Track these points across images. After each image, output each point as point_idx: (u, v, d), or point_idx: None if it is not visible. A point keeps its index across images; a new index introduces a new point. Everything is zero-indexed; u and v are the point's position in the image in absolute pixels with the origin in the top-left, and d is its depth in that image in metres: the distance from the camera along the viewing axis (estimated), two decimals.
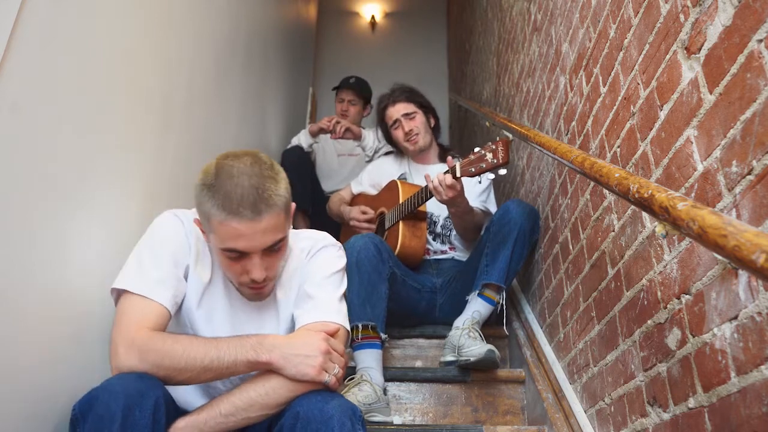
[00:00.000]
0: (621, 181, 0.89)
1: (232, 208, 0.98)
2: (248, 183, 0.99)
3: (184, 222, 1.14)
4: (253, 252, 1.02)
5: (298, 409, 0.97)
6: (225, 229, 0.99)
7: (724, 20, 0.85)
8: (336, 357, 1.04)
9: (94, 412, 0.87)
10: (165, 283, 1.06)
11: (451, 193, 1.76)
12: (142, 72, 1.31)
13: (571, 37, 1.61)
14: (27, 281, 0.93)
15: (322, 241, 1.23)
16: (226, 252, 1.02)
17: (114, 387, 0.90)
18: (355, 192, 2.45)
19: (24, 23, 0.86)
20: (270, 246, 1.03)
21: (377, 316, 1.71)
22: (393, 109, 2.23)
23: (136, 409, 0.88)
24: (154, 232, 1.12)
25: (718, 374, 0.84)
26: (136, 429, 0.88)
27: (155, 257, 1.08)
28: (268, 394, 0.99)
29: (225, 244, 1.01)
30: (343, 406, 0.97)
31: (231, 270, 1.06)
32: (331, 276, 1.19)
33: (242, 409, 0.99)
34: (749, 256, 0.56)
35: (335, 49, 5.44)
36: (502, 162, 1.63)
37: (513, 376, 1.81)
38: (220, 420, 0.98)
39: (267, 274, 1.05)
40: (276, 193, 1.02)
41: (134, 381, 0.91)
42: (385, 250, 1.80)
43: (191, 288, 1.13)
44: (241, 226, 0.99)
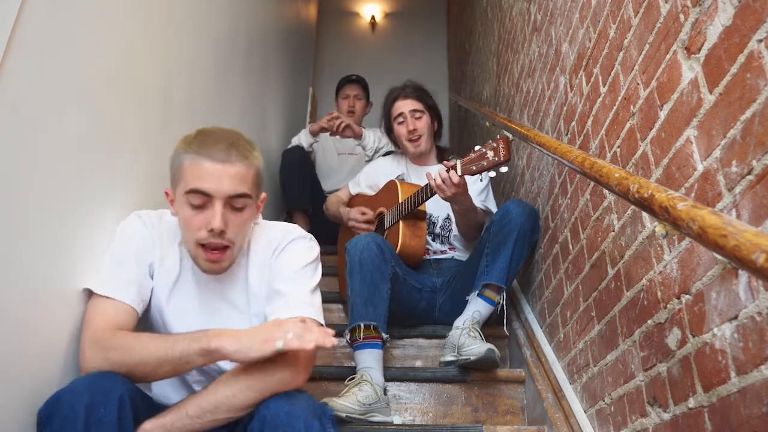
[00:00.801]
0: (621, 181, 0.89)
1: (204, 150, 1.05)
2: (225, 135, 1.09)
3: (146, 222, 1.17)
4: (216, 196, 1.04)
5: (264, 411, 0.96)
6: (194, 168, 1.04)
7: (724, 20, 0.85)
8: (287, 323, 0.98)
9: (58, 413, 0.87)
10: (128, 282, 1.08)
11: (454, 190, 1.76)
12: (142, 72, 1.31)
13: (571, 37, 1.61)
14: (27, 281, 0.93)
15: (291, 233, 1.21)
16: (191, 196, 1.04)
17: (77, 387, 0.90)
18: (352, 193, 2.44)
19: (24, 23, 0.86)
20: (234, 195, 1.05)
21: (379, 315, 1.71)
22: (402, 102, 2.22)
23: (101, 407, 0.88)
24: (117, 234, 1.15)
25: (718, 374, 0.84)
26: (102, 426, 0.88)
27: (117, 258, 1.10)
28: (235, 395, 0.99)
29: (191, 185, 1.04)
30: (310, 406, 0.96)
31: (191, 224, 1.06)
32: (302, 269, 1.17)
33: (208, 411, 0.98)
34: (749, 256, 0.56)
35: (335, 49, 5.44)
36: (504, 159, 1.63)
37: (513, 376, 1.81)
38: (187, 422, 0.98)
39: (226, 230, 1.05)
40: (249, 152, 1.08)
41: (97, 379, 0.92)
42: (387, 250, 1.80)
43: (160, 285, 1.14)
44: (211, 165, 1.04)
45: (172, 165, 1.10)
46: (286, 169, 2.83)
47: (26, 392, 0.93)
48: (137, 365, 0.97)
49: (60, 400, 0.89)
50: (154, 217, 1.18)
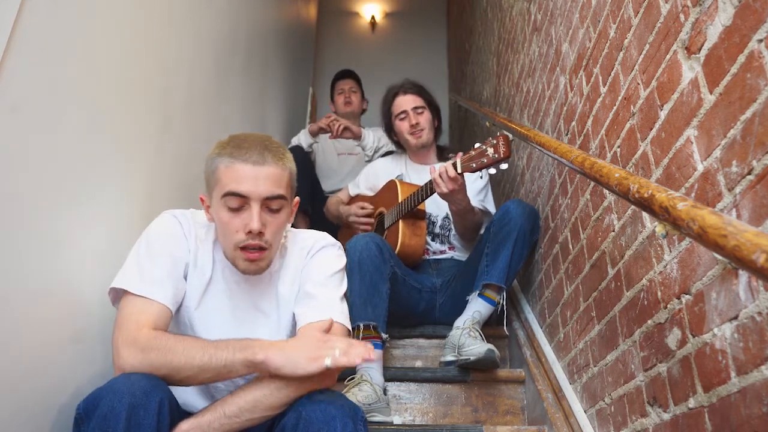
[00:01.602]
0: (621, 181, 0.89)
1: (239, 153, 1.06)
2: (259, 138, 1.10)
3: (182, 222, 1.15)
4: (253, 198, 1.05)
5: (300, 409, 0.97)
6: (230, 172, 1.05)
7: (725, 20, 0.85)
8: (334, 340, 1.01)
9: (98, 411, 0.87)
10: (164, 282, 1.06)
11: (451, 186, 1.76)
12: (142, 72, 1.31)
13: (571, 37, 1.61)
14: (27, 281, 0.93)
15: (322, 240, 1.23)
16: (228, 199, 1.05)
17: (118, 387, 0.90)
18: (352, 194, 2.44)
19: (24, 23, 0.86)
20: (270, 197, 1.06)
21: (378, 316, 1.71)
22: (403, 99, 2.22)
23: (141, 409, 0.88)
24: (152, 233, 1.13)
25: (718, 374, 0.84)
26: (141, 429, 0.88)
27: (154, 257, 1.08)
28: (273, 394, 0.99)
29: (227, 187, 1.05)
30: (345, 407, 0.97)
31: (229, 227, 1.06)
32: (332, 276, 1.19)
33: (246, 410, 0.99)
34: (749, 256, 0.56)
35: (335, 49, 5.44)
36: (504, 156, 1.63)
37: (513, 376, 1.80)
38: (225, 421, 0.98)
39: (264, 231, 1.06)
40: (283, 153, 1.10)
41: (139, 381, 0.91)
42: (386, 250, 1.80)
43: (191, 287, 1.13)
44: (246, 167, 1.05)
45: (206, 170, 1.10)
46: None
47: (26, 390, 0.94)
48: (179, 369, 0.96)
49: (100, 398, 0.88)
50: (188, 216, 1.17)
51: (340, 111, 3.12)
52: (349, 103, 3.11)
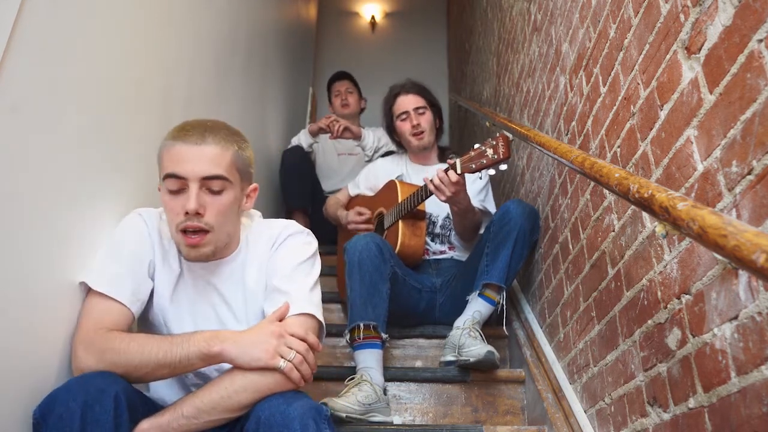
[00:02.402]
0: (621, 181, 0.89)
1: (180, 135, 1.05)
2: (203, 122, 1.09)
3: (146, 220, 1.16)
4: (190, 178, 1.04)
5: (260, 413, 0.96)
6: (170, 154, 1.05)
7: (725, 20, 0.85)
8: (293, 342, 1.02)
9: (54, 413, 0.87)
10: (124, 279, 1.07)
11: (454, 189, 1.76)
12: (142, 72, 1.31)
13: (571, 37, 1.61)
14: (27, 281, 0.93)
15: (288, 229, 1.20)
16: (168, 181, 1.05)
17: (72, 386, 0.90)
18: (351, 194, 2.44)
19: (24, 23, 0.86)
20: (208, 177, 1.04)
21: (378, 315, 1.71)
22: (405, 99, 2.21)
23: (96, 405, 0.88)
24: (117, 231, 1.14)
25: (718, 374, 0.84)
26: (98, 425, 0.87)
27: (115, 255, 1.10)
28: (231, 396, 0.98)
29: (167, 169, 1.05)
30: (305, 407, 0.95)
31: (171, 210, 1.06)
32: (300, 265, 1.16)
33: (204, 412, 0.98)
34: (749, 256, 0.56)
35: (335, 49, 5.44)
36: (503, 157, 1.63)
37: (513, 376, 1.80)
38: (183, 422, 0.98)
39: (204, 215, 1.05)
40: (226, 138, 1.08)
41: (92, 378, 0.92)
42: (386, 250, 1.80)
43: (161, 284, 1.13)
44: (184, 147, 1.04)
45: (157, 158, 1.10)
46: (286, 168, 2.84)
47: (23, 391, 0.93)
48: (135, 367, 0.97)
49: (55, 399, 0.88)
50: (154, 215, 1.17)
51: (338, 113, 3.12)
52: (347, 105, 3.11)
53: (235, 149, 1.09)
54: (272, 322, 1.06)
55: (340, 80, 3.20)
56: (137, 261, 1.11)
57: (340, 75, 3.24)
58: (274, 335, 1.01)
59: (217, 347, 0.98)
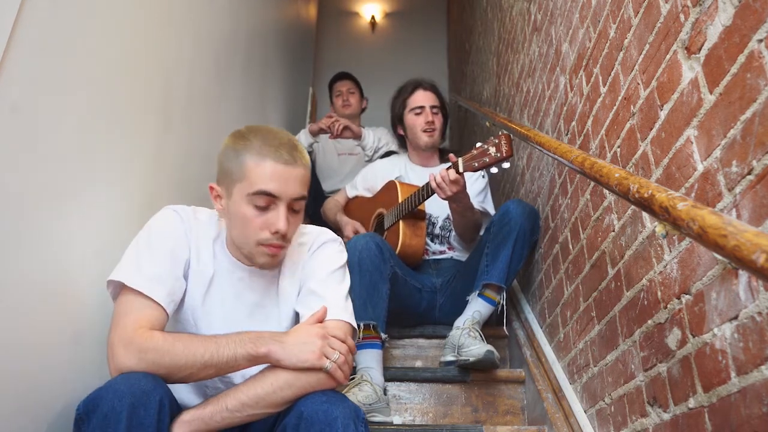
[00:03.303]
0: (621, 181, 0.89)
1: (270, 151, 1.03)
2: (285, 136, 1.08)
3: (183, 218, 1.13)
4: (282, 198, 1.04)
5: (302, 409, 0.97)
6: (260, 170, 1.03)
7: (725, 20, 0.85)
8: (335, 343, 1.03)
9: (99, 411, 0.87)
10: (162, 280, 1.05)
11: (454, 188, 1.76)
12: (142, 72, 1.31)
13: (571, 37, 1.61)
14: (26, 281, 0.93)
15: (323, 236, 1.22)
16: (255, 197, 1.04)
17: (118, 386, 0.90)
18: (350, 195, 2.43)
19: (24, 23, 0.86)
20: (297, 198, 1.06)
21: (378, 315, 1.71)
22: (424, 94, 2.22)
23: (141, 409, 0.88)
24: (153, 228, 1.11)
25: (718, 374, 0.84)
26: (142, 428, 0.88)
27: (152, 253, 1.07)
28: (275, 392, 0.99)
29: (256, 186, 1.03)
30: (347, 408, 0.97)
31: (252, 225, 1.05)
32: (335, 272, 1.18)
33: (248, 406, 0.99)
34: (749, 256, 0.56)
35: (335, 49, 5.44)
36: (506, 155, 1.63)
37: (513, 376, 1.80)
38: (226, 415, 0.98)
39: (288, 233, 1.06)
40: (305, 152, 1.10)
41: (138, 380, 0.91)
42: (386, 250, 1.80)
43: (194, 285, 1.12)
44: (278, 166, 1.03)
45: (227, 162, 1.07)
46: None
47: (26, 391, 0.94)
48: (180, 368, 0.96)
49: (101, 398, 0.88)
50: (189, 213, 1.15)
51: (339, 113, 3.12)
52: (348, 105, 3.11)
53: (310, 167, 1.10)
54: (313, 324, 1.06)
55: (342, 80, 3.20)
56: (175, 260, 1.09)
57: (342, 75, 3.24)
58: (318, 336, 1.02)
59: (263, 348, 0.99)
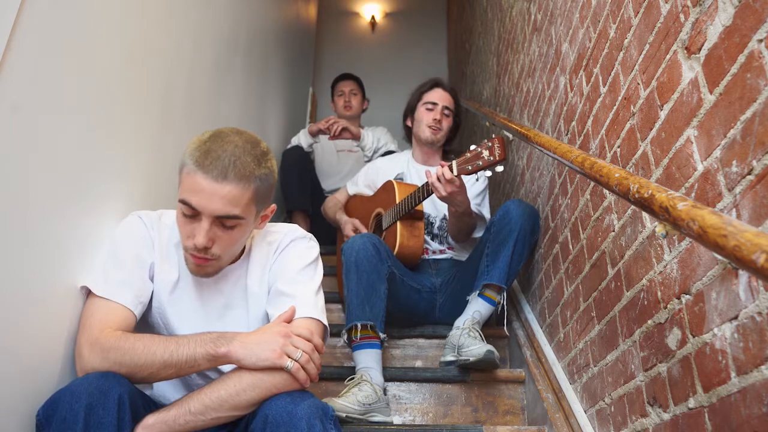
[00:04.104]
0: (621, 181, 0.89)
1: (204, 163, 1.00)
2: (231, 150, 1.02)
3: (146, 222, 1.16)
4: (203, 213, 1.02)
5: (266, 412, 0.96)
6: (189, 179, 1.02)
7: (725, 20, 0.85)
8: (298, 342, 1.02)
9: (57, 415, 0.87)
10: (127, 284, 1.07)
11: (449, 188, 1.76)
12: (142, 72, 1.31)
13: (571, 37, 1.61)
14: (26, 281, 0.93)
15: (291, 234, 1.21)
16: (182, 205, 1.03)
17: (76, 388, 0.90)
18: (351, 193, 2.44)
19: (24, 23, 0.86)
20: (221, 216, 1.02)
21: (376, 315, 1.71)
22: (441, 93, 2.23)
23: (99, 408, 0.88)
24: (118, 234, 1.14)
25: (718, 374, 0.84)
26: (101, 428, 0.87)
27: (117, 258, 1.09)
28: (239, 394, 0.98)
29: (183, 195, 1.02)
30: (312, 407, 0.96)
31: (182, 229, 1.06)
32: (303, 269, 1.17)
33: (212, 409, 0.98)
34: (749, 256, 0.56)
35: (335, 49, 5.44)
36: (499, 159, 1.63)
37: (513, 376, 1.80)
38: (189, 418, 0.97)
39: (211, 247, 1.04)
40: (251, 171, 1.03)
41: (96, 380, 0.92)
42: (383, 250, 1.80)
43: (160, 287, 1.13)
44: (204, 182, 1.00)
45: (180, 161, 1.07)
46: (286, 169, 2.84)
47: (25, 392, 0.94)
48: (140, 367, 0.97)
49: (59, 401, 0.88)
50: (153, 218, 1.17)
51: (340, 113, 3.12)
52: (349, 107, 3.11)
53: (257, 184, 1.04)
54: (277, 322, 1.06)
55: (346, 81, 3.18)
56: (139, 264, 1.11)
57: (346, 76, 3.23)
58: (280, 335, 1.02)
59: (223, 348, 0.99)
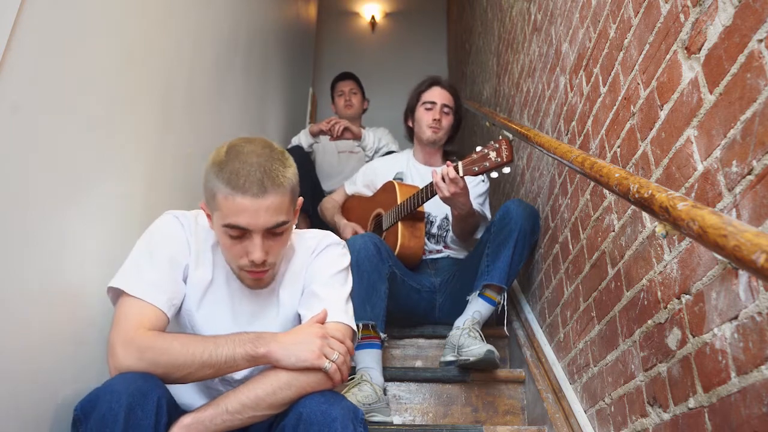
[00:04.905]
0: (621, 181, 0.89)
1: (238, 184, 1.00)
2: (256, 161, 1.02)
3: (183, 223, 1.14)
4: (254, 230, 1.02)
5: (301, 410, 0.97)
6: (229, 204, 1.00)
7: (725, 20, 0.85)
8: (334, 344, 1.03)
9: (96, 412, 0.87)
10: (161, 285, 1.06)
11: (453, 189, 1.75)
12: (142, 72, 1.31)
13: (571, 37, 1.61)
14: (26, 281, 0.93)
15: (326, 239, 1.22)
16: (228, 229, 1.02)
17: (116, 387, 0.90)
18: (349, 193, 2.43)
19: (24, 23, 0.86)
20: (271, 227, 1.03)
21: (377, 315, 1.71)
22: (439, 92, 2.21)
23: (138, 409, 0.88)
24: (153, 234, 1.12)
25: (718, 374, 0.84)
26: (139, 429, 0.88)
27: (152, 259, 1.08)
28: (275, 392, 0.99)
29: (227, 219, 1.01)
30: (345, 409, 0.97)
31: (231, 252, 1.05)
32: (337, 274, 1.18)
33: (249, 407, 0.99)
34: (749, 256, 0.56)
35: (335, 49, 5.44)
36: (506, 160, 1.63)
37: (513, 376, 1.80)
38: (227, 417, 0.98)
39: (267, 258, 1.05)
40: (283, 174, 1.04)
41: (136, 381, 0.91)
42: (384, 250, 1.80)
43: (192, 289, 1.13)
44: (246, 201, 1.00)
45: (205, 186, 1.05)
46: None
47: (24, 392, 0.94)
48: (178, 367, 0.96)
49: (98, 399, 0.88)
50: (190, 218, 1.16)
51: (341, 113, 3.12)
52: (350, 106, 3.11)
53: (290, 184, 1.05)
54: (312, 325, 1.07)
55: (345, 80, 3.19)
56: (174, 266, 1.10)
57: (345, 75, 3.23)
58: (317, 336, 1.02)
59: (263, 348, 0.99)
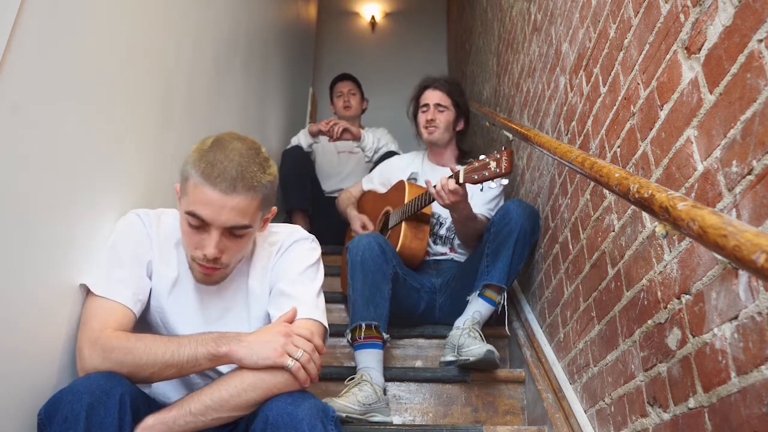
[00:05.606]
0: (621, 181, 0.89)
1: (211, 175, 1.00)
2: (237, 159, 1.02)
3: (144, 221, 1.16)
4: (213, 225, 1.02)
5: (267, 413, 0.96)
6: (197, 192, 1.01)
7: (725, 20, 0.85)
8: (299, 341, 1.02)
9: (59, 414, 0.87)
10: (125, 282, 1.07)
11: (453, 198, 1.77)
12: (142, 72, 1.31)
13: (571, 37, 1.61)
14: (26, 281, 0.93)
15: (293, 235, 1.21)
16: (189, 217, 1.03)
17: (77, 387, 0.90)
18: (365, 189, 2.46)
19: (24, 23, 0.86)
20: (232, 227, 1.03)
21: (380, 315, 1.71)
22: (430, 93, 2.24)
23: (101, 408, 0.88)
24: (117, 233, 1.14)
25: (718, 374, 0.84)
26: (102, 428, 0.88)
27: (116, 257, 1.10)
28: (240, 394, 0.98)
29: (191, 207, 1.02)
30: (313, 408, 0.96)
31: (189, 240, 1.06)
32: (305, 271, 1.17)
33: (212, 409, 0.98)
34: (749, 256, 0.56)
35: (335, 49, 5.44)
36: (505, 172, 1.64)
37: (513, 376, 1.80)
38: (190, 419, 0.97)
39: (221, 256, 1.04)
40: (258, 180, 1.04)
41: (98, 380, 0.92)
42: (389, 250, 1.81)
43: (159, 285, 1.13)
44: (213, 194, 1.00)
45: (183, 167, 1.06)
46: (286, 169, 2.84)
47: (24, 392, 0.94)
48: (142, 367, 0.97)
49: (60, 400, 0.88)
50: (152, 217, 1.17)
51: (340, 114, 3.13)
52: (348, 107, 3.11)
53: (263, 192, 1.04)
54: (278, 322, 1.07)
55: (344, 81, 3.19)
56: (138, 262, 1.11)
57: (344, 76, 3.24)
58: (281, 334, 1.02)
59: (225, 347, 0.99)
